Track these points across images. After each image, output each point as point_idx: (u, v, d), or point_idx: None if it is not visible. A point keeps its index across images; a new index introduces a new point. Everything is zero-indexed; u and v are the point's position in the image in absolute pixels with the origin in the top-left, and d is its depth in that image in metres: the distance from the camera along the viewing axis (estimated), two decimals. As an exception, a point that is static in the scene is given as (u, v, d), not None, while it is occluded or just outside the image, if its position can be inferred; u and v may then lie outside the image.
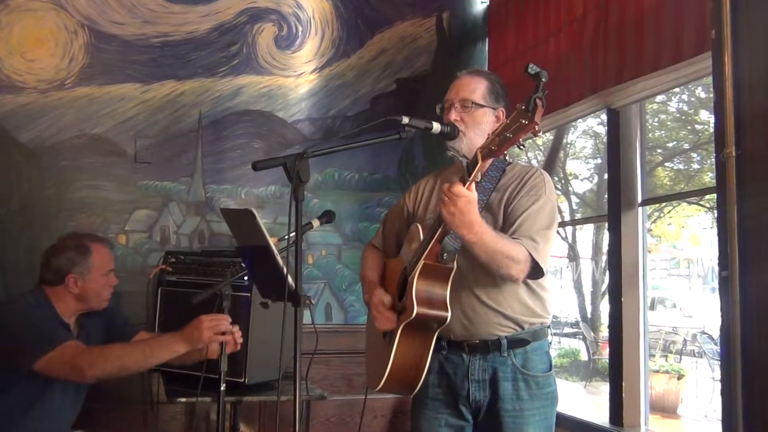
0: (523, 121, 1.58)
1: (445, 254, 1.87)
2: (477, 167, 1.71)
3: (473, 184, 1.75)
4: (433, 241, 1.86)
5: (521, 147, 1.65)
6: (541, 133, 1.63)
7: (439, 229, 1.84)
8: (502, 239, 1.85)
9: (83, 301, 2.43)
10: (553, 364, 2.08)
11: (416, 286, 1.86)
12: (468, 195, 1.73)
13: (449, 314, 1.88)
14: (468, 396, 1.98)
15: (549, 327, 2.09)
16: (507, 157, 1.84)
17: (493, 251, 1.81)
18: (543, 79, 1.57)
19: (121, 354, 2.29)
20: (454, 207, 1.73)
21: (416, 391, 1.98)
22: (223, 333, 2.27)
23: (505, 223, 1.96)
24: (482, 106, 2.03)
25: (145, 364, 2.33)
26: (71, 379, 2.30)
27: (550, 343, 2.18)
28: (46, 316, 2.33)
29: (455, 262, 1.89)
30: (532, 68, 1.57)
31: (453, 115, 2.01)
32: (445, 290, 1.89)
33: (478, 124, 2.01)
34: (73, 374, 2.26)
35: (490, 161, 1.99)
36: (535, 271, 1.90)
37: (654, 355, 9.28)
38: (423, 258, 1.87)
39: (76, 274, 2.40)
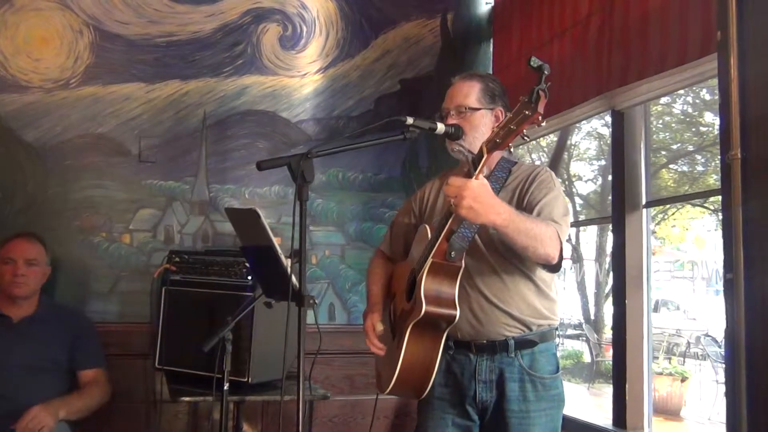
0: (527, 113, 1.59)
1: (452, 252, 1.85)
2: (483, 160, 1.70)
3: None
4: (441, 239, 1.85)
5: (525, 138, 1.65)
6: (544, 123, 1.63)
7: (446, 227, 1.83)
8: (530, 217, 1.82)
9: None
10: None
11: (425, 284, 1.86)
12: (478, 182, 1.68)
13: (458, 312, 1.87)
14: (475, 396, 1.98)
15: (557, 329, 2.08)
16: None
17: (528, 229, 1.75)
18: (545, 72, 1.58)
19: None
20: (471, 199, 1.66)
21: (424, 395, 1.96)
22: None
23: None
24: (477, 109, 2.03)
25: None
26: None
27: (557, 345, 2.17)
28: None
29: (463, 261, 1.89)
30: (534, 61, 1.59)
31: (451, 123, 2.02)
32: (453, 288, 1.88)
33: (475, 128, 2.01)
34: None
35: (497, 157, 2.00)
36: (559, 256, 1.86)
37: (657, 358, 9.26)
38: (431, 256, 1.86)
39: None
